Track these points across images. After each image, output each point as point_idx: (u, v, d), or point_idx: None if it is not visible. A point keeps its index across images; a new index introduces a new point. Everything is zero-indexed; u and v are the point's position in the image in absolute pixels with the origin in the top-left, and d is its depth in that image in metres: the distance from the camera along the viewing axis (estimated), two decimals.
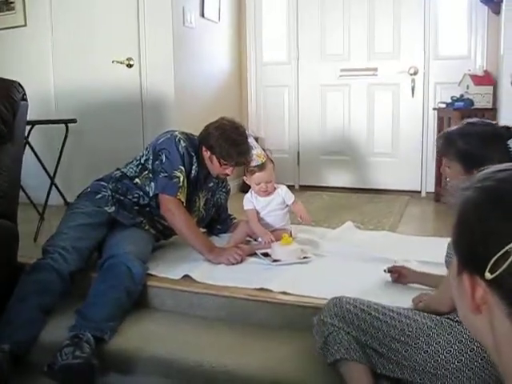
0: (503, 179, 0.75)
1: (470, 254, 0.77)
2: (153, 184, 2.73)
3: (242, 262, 2.67)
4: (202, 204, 2.95)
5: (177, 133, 2.79)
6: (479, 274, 0.73)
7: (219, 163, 2.77)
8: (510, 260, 0.69)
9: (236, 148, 2.76)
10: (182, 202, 2.69)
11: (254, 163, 2.88)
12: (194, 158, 2.78)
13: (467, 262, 0.77)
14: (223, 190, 3.13)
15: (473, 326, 0.80)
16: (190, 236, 2.69)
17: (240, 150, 2.77)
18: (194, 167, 2.78)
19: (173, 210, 2.66)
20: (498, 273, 0.70)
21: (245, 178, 2.98)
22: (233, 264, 2.63)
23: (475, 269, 0.74)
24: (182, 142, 2.73)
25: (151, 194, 2.74)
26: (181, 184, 2.68)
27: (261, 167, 2.88)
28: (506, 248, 0.69)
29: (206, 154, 2.79)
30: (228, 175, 2.88)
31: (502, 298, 0.71)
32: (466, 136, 1.88)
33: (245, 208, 2.97)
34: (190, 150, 2.76)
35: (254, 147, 2.89)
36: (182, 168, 2.70)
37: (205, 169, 2.86)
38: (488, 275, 0.71)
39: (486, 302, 0.74)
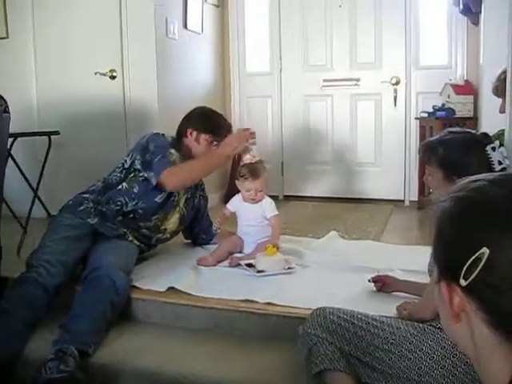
0: (475, 189, 0.78)
1: (445, 262, 0.79)
2: (136, 185, 2.75)
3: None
4: (183, 201, 2.97)
5: (154, 131, 2.90)
6: (455, 281, 0.75)
7: (207, 140, 2.86)
8: (480, 265, 0.71)
9: (223, 121, 2.96)
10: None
11: (247, 161, 2.91)
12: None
13: (444, 270, 0.79)
14: (201, 193, 3.16)
15: (454, 334, 0.81)
16: (200, 167, 2.78)
17: (226, 124, 2.98)
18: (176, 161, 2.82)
19: (175, 177, 2.71)
20: (471, 279, 0.72)
21: (237, 182, 3.00)
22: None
23: (451, 276, 0.76)
24: (164, 135, 2.85)
25: (151, 184, 2.73)
26: (175, 159, 2.76)
27: (254, 175, 2.89)
28: (477, 254, 0.71)
29: (191, 137, 2.87)
30: None
31: (478, 305, 0.73)
32: (446, 143, 1.92)
33: (226, 205, 3.08)
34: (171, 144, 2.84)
35: (250, 150, 2.95)
36: (172, 150, 2.78)
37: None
38: (462, 282, 0.73)
39: (463, 309, 0.76)
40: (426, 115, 4.40)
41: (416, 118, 4.65)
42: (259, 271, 2.66)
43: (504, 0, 2.72)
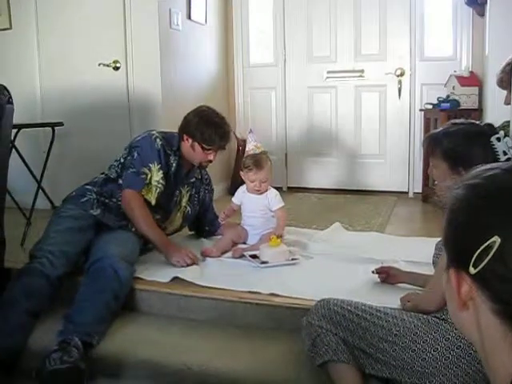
0: (489, 177, 0.77)
1: (456, 248, 0.79)
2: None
3: (193, 264, 2.66)
4: (186, 199, 2.97)
5: (154, 132, 2.83)
6: (464, 269, 0.74)
7: (202, 149, 2.78)
8: (491, 254, 0.70)
9: (218, 131, 2.79)
10: (149, 201, 2.73)
11: (251, 152, 2.91)
12: (172, 155, 2.80)
13: (454, 257, 0.79)
14: (207, 187, 3.15)
15: (460, 322, 0.80)
16: (147, 230, 2.70)
17: (222, 133, 2.80)
18: (173, 164, 2.80)
19: (132, 204, 2.69)
20: (480, 267, 0.71)
21: (241, 173, 2.99)
22: (183, 266, 2.62)
23: (461, 264, 0.75)
24: (158, 140, 2.76)
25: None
26: (147, 181, 2.71)
27: (258, 166, 2.88)
28: (489, 242, 0.70)
29: (187, 142, 2.80)
30: (211, 161, 2.88)
31: (486, 294, 0.72)
32: (451, 135, 1.91)
33: (232, 199, 3.06)
34: (167, 148, 2.78)
35: (254, 140, 2.95)
36: (152, 166, 2.72)
37: (186, 164, 2.88)
38: (472, 270, 0.72)
39: (472, 297, 0.75)
40: (430, 107, 4.38)
41: (420, 110, 4.63)
42: (263, 262, 2.66)
43: None
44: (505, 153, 1.85)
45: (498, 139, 1.87)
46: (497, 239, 0.70)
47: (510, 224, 0.71)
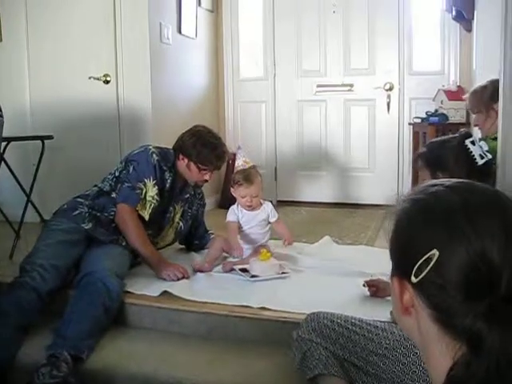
0: (432, 193, 0.84)
1: (399, 258, 0.86)
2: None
3: (183, 278, 2.64)
4: (179, 215, 2.96)
5: (151, 147, 2.82)
6: (406, 278, 0.81)
7: (198, 169, 2.79)
8: (431, 265, 0.77)
9: (214, 151, 2.81)
10: (143, 216, 2.74)
11: (240, 168, 2.91)
12: (167, 171, 2.80)
13: (397, 266, 0.86)
14: (200, 202, 3.14)
15: (404, 326, 0.88)
16: (140, 246, 2.69)
17: (218, 153, 2.83)
18: (168, 180, 2.81)
19: (126, 220, 2.69)
20: (421, 277, 0.78)
21: (232, 189, 2.97)
22: (173, 280, 2.61)
23: (403, 273, 0.82)
24: (154, 155, 2.76)
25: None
26: (142, 196, 2.71)
27: (248, 181, 2.88)
28: (428, 254, 0.77)
29: (183, 162, 2.81)
30: (207, 181, 2.89)
31: (426, 302, 0.80)
32: (429, 144, 2.10)
33: (227, 219, 2.95)
34: (163, 164, 2.78)
35: (242, 156, 2.96)
36: (147, 181, 2.72)
37: (180, 180, 2.88)
38: (413, 279, 0.79)
39: (413, 304, 0.82)
40: (419, 121, 4.42)
41: (409, 124, 4.67)
42: (253, 276, 2.66)
43: (496, 7, 2.74)
44: (481, 156, 1.92)
45: (473, 142, 1.94)
46: (435, 252, 0.77)
47: (448, 239, 0.77)
